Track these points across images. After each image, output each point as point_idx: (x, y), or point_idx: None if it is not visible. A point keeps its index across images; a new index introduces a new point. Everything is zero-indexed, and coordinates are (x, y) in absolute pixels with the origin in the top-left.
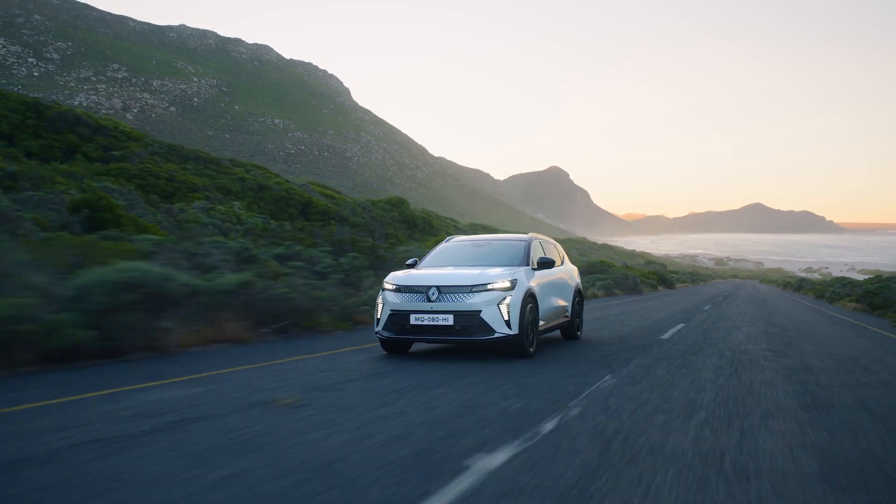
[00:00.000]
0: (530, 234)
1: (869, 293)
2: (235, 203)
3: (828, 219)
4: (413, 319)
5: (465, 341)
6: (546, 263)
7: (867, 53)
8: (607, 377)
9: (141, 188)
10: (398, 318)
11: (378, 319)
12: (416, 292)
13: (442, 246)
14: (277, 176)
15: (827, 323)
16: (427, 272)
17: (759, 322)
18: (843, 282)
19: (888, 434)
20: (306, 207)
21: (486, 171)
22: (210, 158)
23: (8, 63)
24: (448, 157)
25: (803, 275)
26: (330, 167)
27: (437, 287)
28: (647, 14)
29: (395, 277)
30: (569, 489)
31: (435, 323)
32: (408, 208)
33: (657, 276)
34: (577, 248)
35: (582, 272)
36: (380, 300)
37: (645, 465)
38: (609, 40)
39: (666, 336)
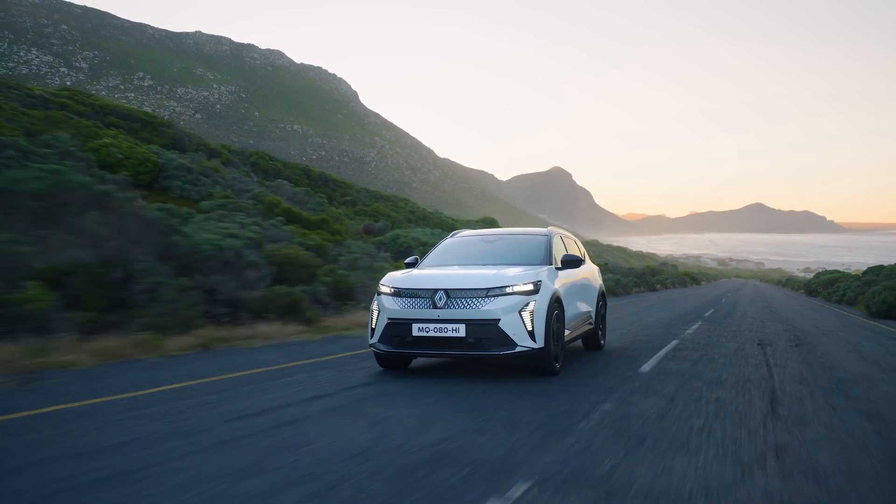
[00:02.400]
0: (550, 228)
1: (808, 283)
2: (418, 229)
3: (828, 219)
4: (416, 330)
5: (481, 356)
6: (572, 262)
7: (869, 54)
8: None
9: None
10: (398, 329)
11: (373, 329)
12: (420, 297)
13: (447, 241)
14: (415, 203)
15: (779, 293)
16: (432, 272)
17: (756, 292)
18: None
19: (783, 301)
20: (451, 230)
21: (490, 171)
22: (386, 196)
23: (42, 73)
24: (452, 159)
25: (801, 275)
26: (351, 172)
27: (445, 290)
28: (647, 15)
29: (393, 279)
30: None
31: (443, 334)
32: (499, 226)
33: (690, 276)
34: (592, 251)
35: (652, 274)
36: (375, 306)
37: None
38: (611, 41)
39: (730, 293)
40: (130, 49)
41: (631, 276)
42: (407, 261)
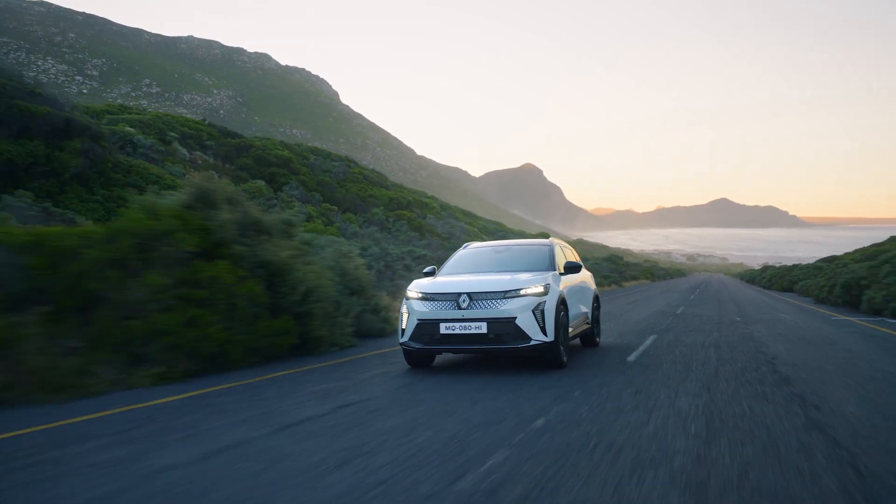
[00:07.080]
0: (551, 239)
1: (740, 275)
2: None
3: (791, 213)
4: (443, 328)
5: (500, 350)
6: (573, 268)
7: (834, 52)
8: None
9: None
10: (427, 328)
11: (403, 330)
12: (446, 300)
13: (460, 252)
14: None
15: (728, 279)
16: (455, 279)
17: (717, 279)
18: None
19: (727, 281)
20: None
21: (463, 168)
22: (467, 211)
23: (60, 81)
24: (428, 156)
25: (756, 267)
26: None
27: (468, 294)
28: (615, 12)
29: (420, 285)
30: None
31: (467, 331)
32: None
33: (679, 271)
34: (581, 249)
35: (666, 269)
36: (404, 309)
37: None
38: (579, 38)
39: (706, 280)
40: (132, 55)
41: (660, 271)
42: (426, 270)
